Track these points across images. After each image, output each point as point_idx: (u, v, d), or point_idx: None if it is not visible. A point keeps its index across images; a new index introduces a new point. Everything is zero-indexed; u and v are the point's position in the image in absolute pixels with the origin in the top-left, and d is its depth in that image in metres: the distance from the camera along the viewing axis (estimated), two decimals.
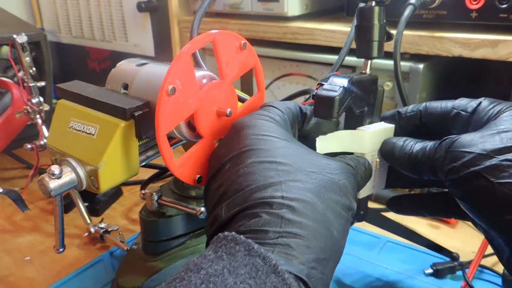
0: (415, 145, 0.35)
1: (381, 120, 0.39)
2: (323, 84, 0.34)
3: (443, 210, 0.40)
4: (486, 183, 0.28)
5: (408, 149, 0.35)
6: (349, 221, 0.29)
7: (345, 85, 0.33)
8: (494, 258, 0.49)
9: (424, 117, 0.38)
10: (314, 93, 0.34)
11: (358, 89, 0.35)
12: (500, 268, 0.47)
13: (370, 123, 0.38)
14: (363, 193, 0.38)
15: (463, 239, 0.53)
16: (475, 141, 0.30)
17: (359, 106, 0.36)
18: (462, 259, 0.48)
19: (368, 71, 0.37)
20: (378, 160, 0.37)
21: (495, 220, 0.29)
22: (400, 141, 0.36)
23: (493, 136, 0.30)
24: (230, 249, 0.23)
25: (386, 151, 0.37)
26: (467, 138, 0.31)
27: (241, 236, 0.24)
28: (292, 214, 0.25)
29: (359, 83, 0.35)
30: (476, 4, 0.52)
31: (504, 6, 0.50)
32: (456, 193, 0.31)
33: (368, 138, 0.36)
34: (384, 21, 0.36)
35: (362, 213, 0.39)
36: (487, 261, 0.48)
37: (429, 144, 0.34)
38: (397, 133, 0.39)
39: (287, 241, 0.24)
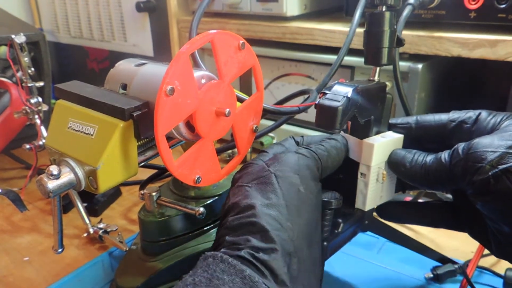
0: (427, 157, 0.34)
1: (389, 129, 0.38)
2: (326, 93, 0.33)
3: (433, 220, 0.40)
4: None
5: (420, 161, 0.34)
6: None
7: (349, 95, 0.32)
8: (493, 258, 0.49)
9: (416, 130, 0.37)
10: (316, 102, 0.33)
11: (364, 98, 0.33)
12: (499, 269, 0.47)
13: (378, 132, 0.37)
14: (369, 205, 0.37)
15: (462, 239, 0.52)
16: (495, 142, 0.30)
17: (364, 116, 0.34)
18: (461, 258, 0.48)
19: (376, 78, 0.36)
20: (385, 172, 0.36)
21: None
22: (411, 153, 0.35)
23: (511, 136, 0.30)
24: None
25: (396, 164, 0.35)
26: (485, 140, 0.30)
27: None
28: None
29: (365, 92, 0.33)
30: (475, 4, 0.52)
31: (503, 6, 0.50)
32: (482, 196, 0.30)
33: (375, 151, 0.35)
34: (395, 27, 0.35)
35: (367, 222, 0.39)
36: (486, 261, 0.48)
37: (441, 154, 0.33)
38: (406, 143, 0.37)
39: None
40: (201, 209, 0.41)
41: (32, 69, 0.59)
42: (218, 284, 0.25)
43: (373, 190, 0.36)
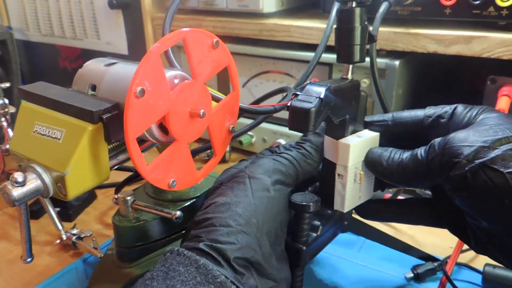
0: (403, 154, 0.33)
1: (365, 127, 0.37)
2: (298, 95, 0.32)
3: (413, 217, 0.40)
4: (495, 174, 0.28)
5: (397, 158, 0.33)
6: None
7: (322, 96, 0.31)
8: (471, 254, 0.49)
9: (393, 127, 0.37)
10: (288, 104, 0.32)
11: (337, 97, 0.32)
12: (478, 264, 0.47)
13: (354, 131, 0.36)
14: (348, 206, 0.36)
15: (442, 235, 0.53)
16: (471, 137, 0.30)
17: (339, 115, 0.33)
18: (441, 255, 0.48)
19: (349, 76, 0.35)
20: (362, 172, 0.36)
21: (506, 210, 0.28)
22: (387, 151, 0.35)
23: (487, 130, 0.30)
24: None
25: (373, 163, 0.35)
26: (460, 135, 0.30)
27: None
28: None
29: (338, 91, 0.33)
30: (450, 0, 0.52)
31: (477, 2, 0.51)
32: (459, 191, 0.30)
33: (351, 151, 0.34)
34: (366, 23, 0.35)
35: (346, 223, 0.38)
36: (464, 257, 0.48)
37: (417, 150, 0.33)
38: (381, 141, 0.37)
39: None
40: (178, 212, 0.40)
41: None
42: (174, 275, 0.27)
43: (351, 191, 0.36)
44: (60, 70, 1.03)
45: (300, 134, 0.38)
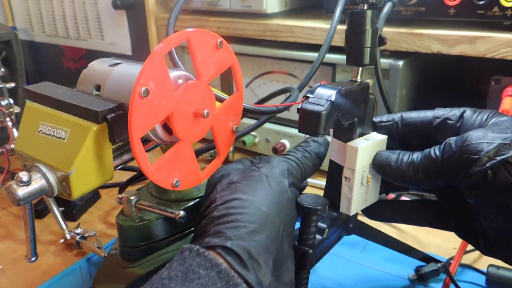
0: (413, 155, 0.33)
1: (373, 128, 0.37)
2: (309, 97, 0.31)
3: (418, 218, 0.39)
4: None
5: (406, 159, 0.33)
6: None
7: (333, 99, 0.31)
8: (475, 255, 0.49)
9: (402, 127, 0.37)
10: (299, 107, 0.32)
11: (347, 100, 0.32)
12: (481, 265, 0.47)
13: (361, 134, 0.36)
14: (354, 209, 0.36)
15: (445, 236, 0.52)
16: (490, 134, 0.30)
17: (348, 118, 0.33)
18: (444, 255, 0.48)
19: (358, 79, 0.35)
20: (369, 176, 0.35)
21: None
22: (395, 153, 0.34)
23: (504, 129, 0.30)
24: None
25: (381, 165, 0.35)
26: (478, 133, 0.30)
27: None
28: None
29: (349, 94, 0.32)
30: (454, 0, 0.52)
31: (482, 2, 0.51)
32: (478, 189, 0.30)
33: (359, 154, 0.34)
34: (377, 25, 0.35)
35: (351, 226, 0.38)
36: (468, 258, 0.48)
37: (429, 150, 0.32)
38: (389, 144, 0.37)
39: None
40: (181, 212, 0.40)
41: (2, 69, 0.57)
42: (194, 278, 0.25)
43: (358, 194, 0.36)
44: (64, 71, 1.03)
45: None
